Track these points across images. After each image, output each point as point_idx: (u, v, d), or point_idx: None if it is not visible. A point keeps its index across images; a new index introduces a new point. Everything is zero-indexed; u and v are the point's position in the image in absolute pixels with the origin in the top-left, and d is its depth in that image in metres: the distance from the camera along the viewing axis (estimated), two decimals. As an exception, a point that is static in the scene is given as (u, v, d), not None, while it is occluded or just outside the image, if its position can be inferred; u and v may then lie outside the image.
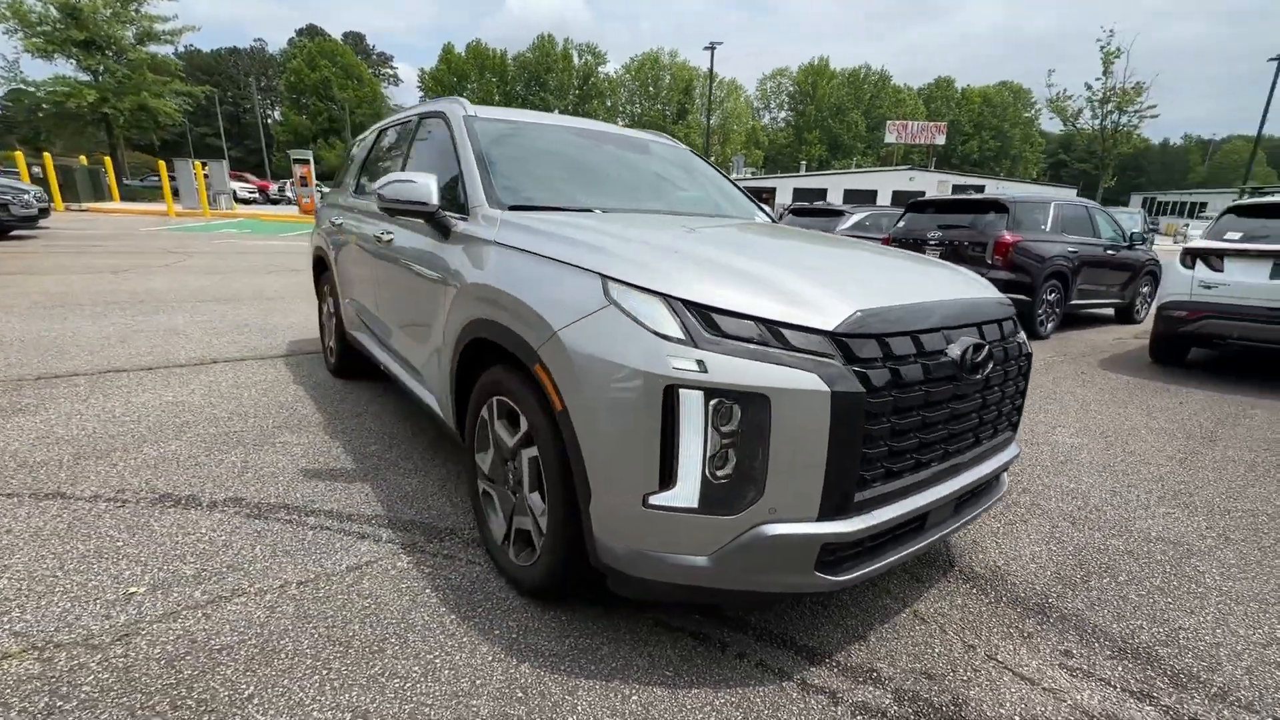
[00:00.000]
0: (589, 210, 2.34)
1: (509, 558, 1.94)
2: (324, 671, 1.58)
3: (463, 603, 1.88)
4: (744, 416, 1.36)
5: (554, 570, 1.73)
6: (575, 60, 70.84)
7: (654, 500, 1.42)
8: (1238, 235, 5.15)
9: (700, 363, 1.36)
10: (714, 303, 1.43)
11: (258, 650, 1.64)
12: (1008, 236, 6.67)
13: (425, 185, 2.21)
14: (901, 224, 7.90)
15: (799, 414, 1.36)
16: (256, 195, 31.48)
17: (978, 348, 1.64)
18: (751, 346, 1.39)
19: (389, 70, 78.47)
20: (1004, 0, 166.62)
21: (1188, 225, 31.19)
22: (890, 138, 43.21)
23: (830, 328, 1.43)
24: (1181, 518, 2.65)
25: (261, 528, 2.24)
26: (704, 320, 1.41)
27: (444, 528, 2.31)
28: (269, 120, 66.33)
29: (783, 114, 77.35)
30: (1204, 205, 50.95)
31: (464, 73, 67.91)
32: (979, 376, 1.66)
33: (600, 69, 72.25)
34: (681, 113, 70.60)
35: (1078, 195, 29.70)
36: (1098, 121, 25.56)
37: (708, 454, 1.38)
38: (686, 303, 1.43)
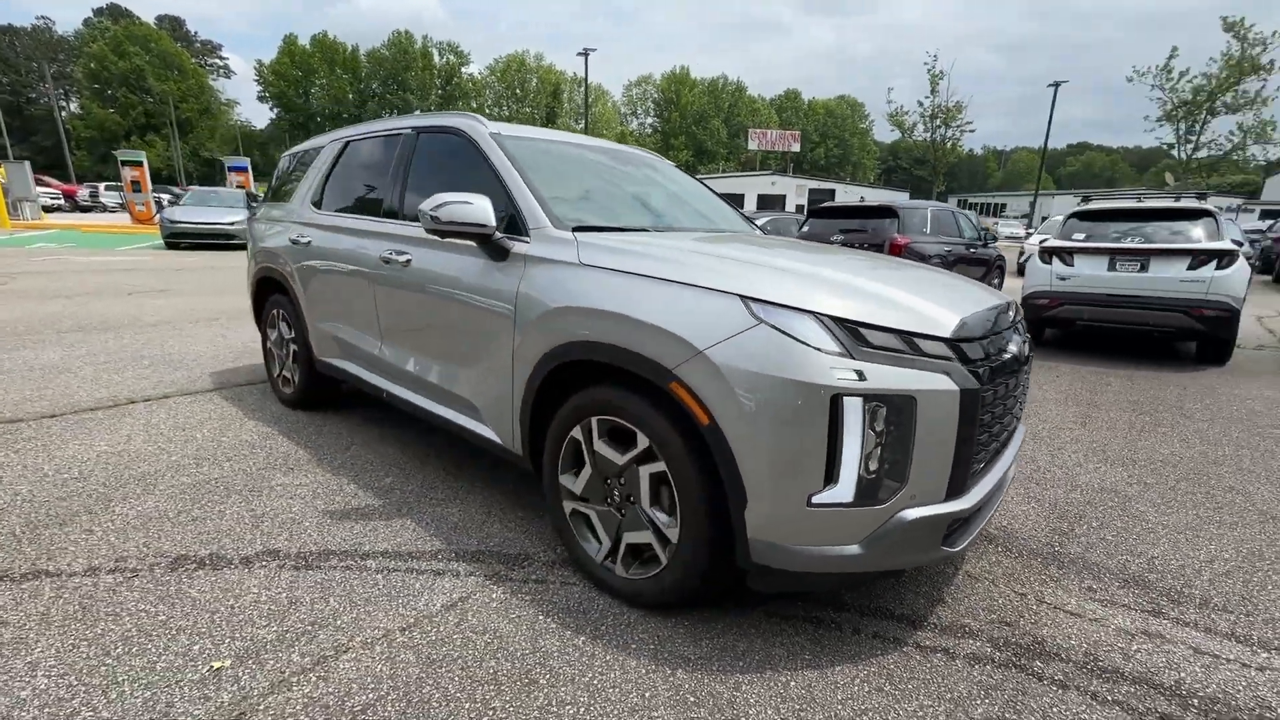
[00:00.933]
0: (643, 229, 2.42)
1: (617, 574, 1.98)
2: (490, 713, 1.54)
3: (583, 623, 1.89)
4: (894, 417, 1.55)
5: (687, 578, 1.80)
6: (436, 59, 67.91)
7: (817, 499, 1.57)
8: (1083, 236, 6.29)
9: (859, 372, 1.53)
10: (858, 318, 1.60)
11: (406, 703, 1.55)
12: (900, 238, 7.54)
13: (483, 207, 2.16)
14: (806, 228, 8.61)
15: (936, 411, 1.58)
16: (62, 202, 26.79)
17: (1024, 343, 1.97)
18: (894, 355, 1.58)
19: (217, 61, 70.11)
20: (834, 25, 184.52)
21: (996, 223, 36.62)
22: (752, 145, 46.24)
23: (948, 334, 1.66)
24: (1108, 470, 3.26)
25: (321, 578, 2.06)
26: (852, 334, 1.58)
27: (516, 554, 2.27)
28: (64, 113, 56.29)
29: (649, 120, 79.70)
30: (1004, 206, 59.94)
31: (311, 67, 62.47)
32: (1028, 367, 1.99)
33: (464, 69, 69.86)
34: (550, 116, 70.29)
35: (910, 198, 33.83)
36: (929, 134, 29.44)
37: (863, 453, 1.55)
38: (835, 319, 1.59)
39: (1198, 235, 5.86)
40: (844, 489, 1.56)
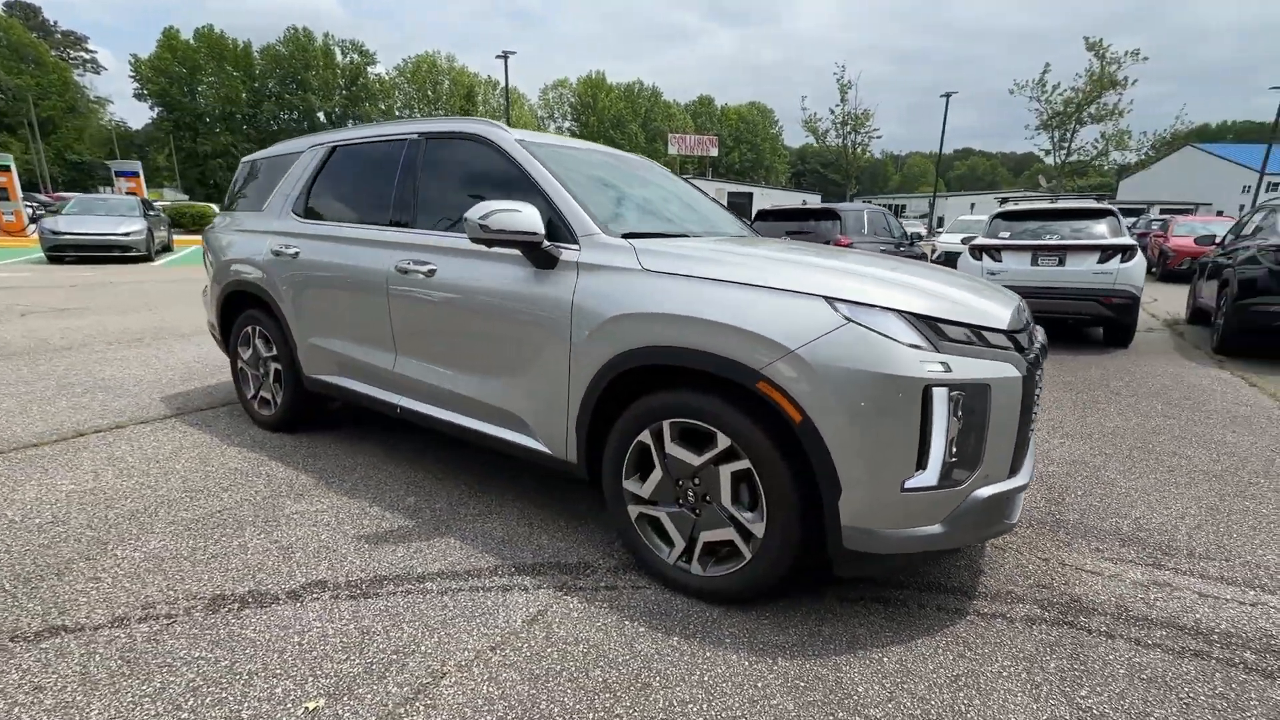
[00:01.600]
0: (684, 235, 2.47)
1: (694, 573, 2.02)
2: (616, 719, 1.54)
3: (670, 625, 1.91)
4: (973, 404, 1.69)
5: (774, 569, 1.87)
6: (339, 58, 64.49)
7: (909, 484, 1.68)
8: (1008, 234, 6.91)
9: (944, 364, 1.66)
10: (937, 314, 1.73)
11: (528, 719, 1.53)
12: (843, 239, 7.98)
13: (532, 215, 2.14)
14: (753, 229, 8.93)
15: (1004, 396, 1.73)
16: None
17: (1043, 332, 2.19)
18: (969, 347, 1.72)
19: (84, 54, 63.17)
20: (738, 35, 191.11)
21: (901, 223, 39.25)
22: (672, 149, 47.07)
23: (1005, 326, 1.82)
24: (1072, 445, 3.63)
25: (384, 605, 1.97)
26: (934, 330, 1.71)
27: (576, 563, 2.26)
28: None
29: (567, 124, 79.41)
30: (904, 207, 64.31)
31: (196, 64, 57.61)
32: (1045, 355, 2.21)
33: (371, 69, 66.74)
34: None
35: (822, 201, 35.66)
36: (840, 140, 31.25)
37: (948, 438, 1.68)
38: (918, 316, 1.71)
39: (1103, 232, 6.60)
40: (931, 473, 1.69)
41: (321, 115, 62.70)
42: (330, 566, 2.18)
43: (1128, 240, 6.27)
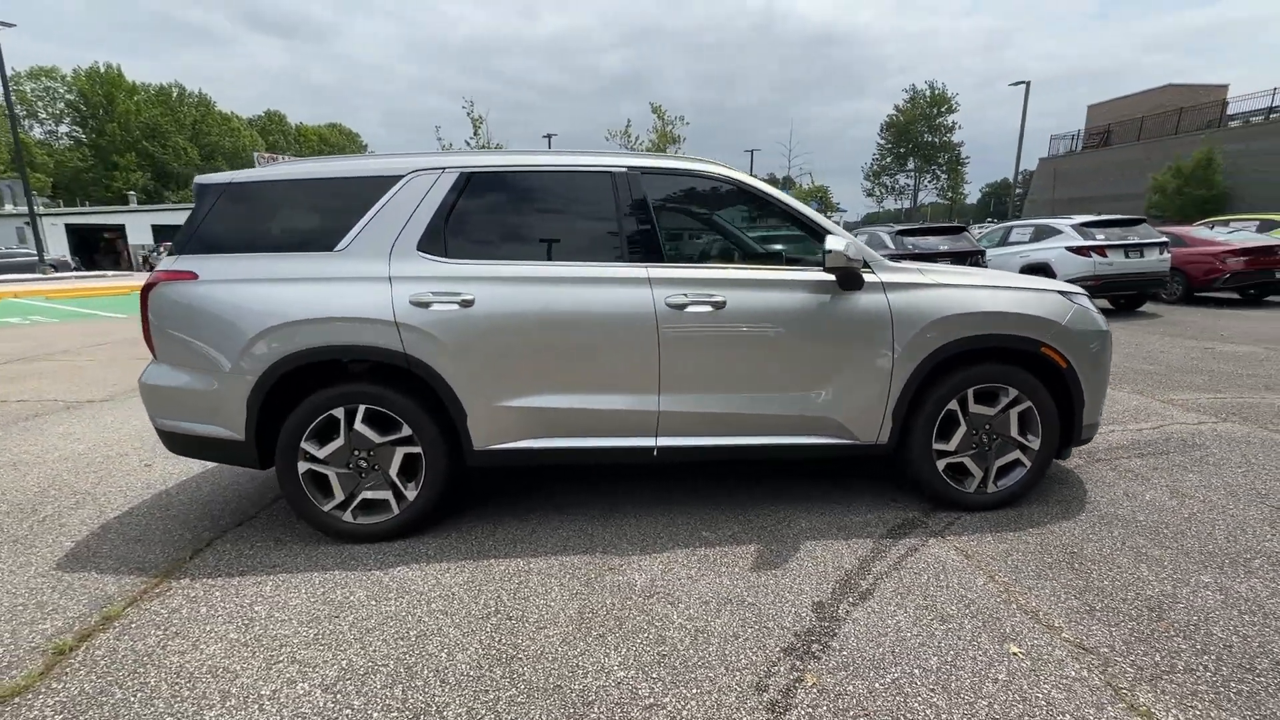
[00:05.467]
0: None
1: (988, 492, 2.88)
2: (1007, 594, 2.34)
3: (1003, 531, 2.73)
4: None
5: (1040, 473, 2.90)
6: None
7: (1104, 403, 2.95)
8: (911, 245, 9.23)
9: (1103, 319, 2.97)
10: (1083, 291, 3.02)
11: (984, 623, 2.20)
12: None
13: (859, 244, 2.62)
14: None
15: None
16: None
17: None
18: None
19: None
20: (287, 47, 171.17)
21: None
22: (261, 171, 40.25)
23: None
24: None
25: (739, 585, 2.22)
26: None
27: (901, 521, 2.80)
28: None
29: (64, 128, 58.54)
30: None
31: None
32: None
33: None
34: None
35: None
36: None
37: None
38: (1088, 295, 2.98)
39: (966, 243, 9.51)
40: (1104, 382, 3.00)
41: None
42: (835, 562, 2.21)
43: (980, 247, 9.55)
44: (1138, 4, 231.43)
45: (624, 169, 2.77)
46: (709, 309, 2.64)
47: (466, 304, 2.56)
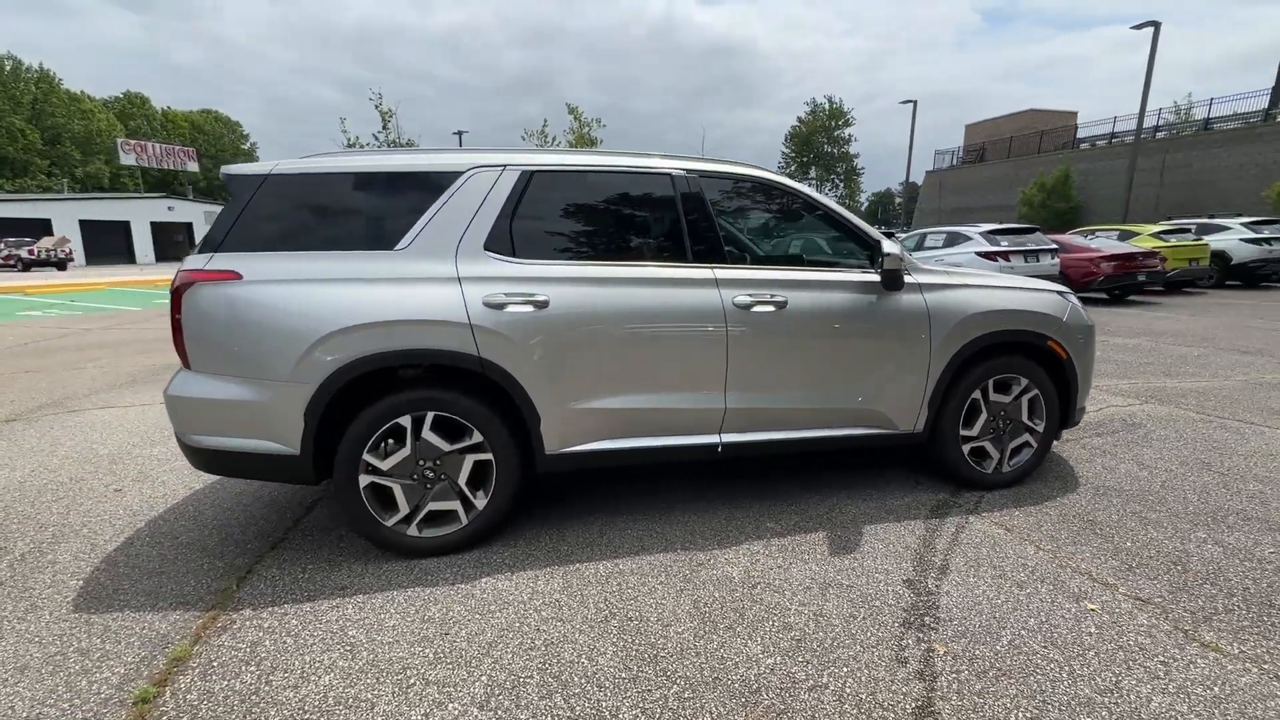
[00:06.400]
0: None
1: (1004, 471, 3.20)
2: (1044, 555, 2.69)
3: (1040, 503, 3.06)
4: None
5: (1041, 457, 3.26)
6: None
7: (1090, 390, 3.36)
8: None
9: (1089, 315, 3.39)
10: (1071, 291, 3.43)
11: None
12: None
13: (901, 246, 2.84)
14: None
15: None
16: None
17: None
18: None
19: None
20: (143, 23, 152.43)
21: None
22: (128, 159, 35.91)
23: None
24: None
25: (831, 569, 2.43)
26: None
27: (938, 501, 3.05)
28: None
29: None
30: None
31: None
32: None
33: None
34: None
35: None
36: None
37: (1088, 354, 3.44)
38: (1073, 293, 3.38)
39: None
40: (1088, 372, 3.43)
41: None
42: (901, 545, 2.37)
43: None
44: (989, 36, 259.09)
45: (683, 171, 2.82)
46: (772, 309, 2.76)
47: (541, 305, 2.50)
